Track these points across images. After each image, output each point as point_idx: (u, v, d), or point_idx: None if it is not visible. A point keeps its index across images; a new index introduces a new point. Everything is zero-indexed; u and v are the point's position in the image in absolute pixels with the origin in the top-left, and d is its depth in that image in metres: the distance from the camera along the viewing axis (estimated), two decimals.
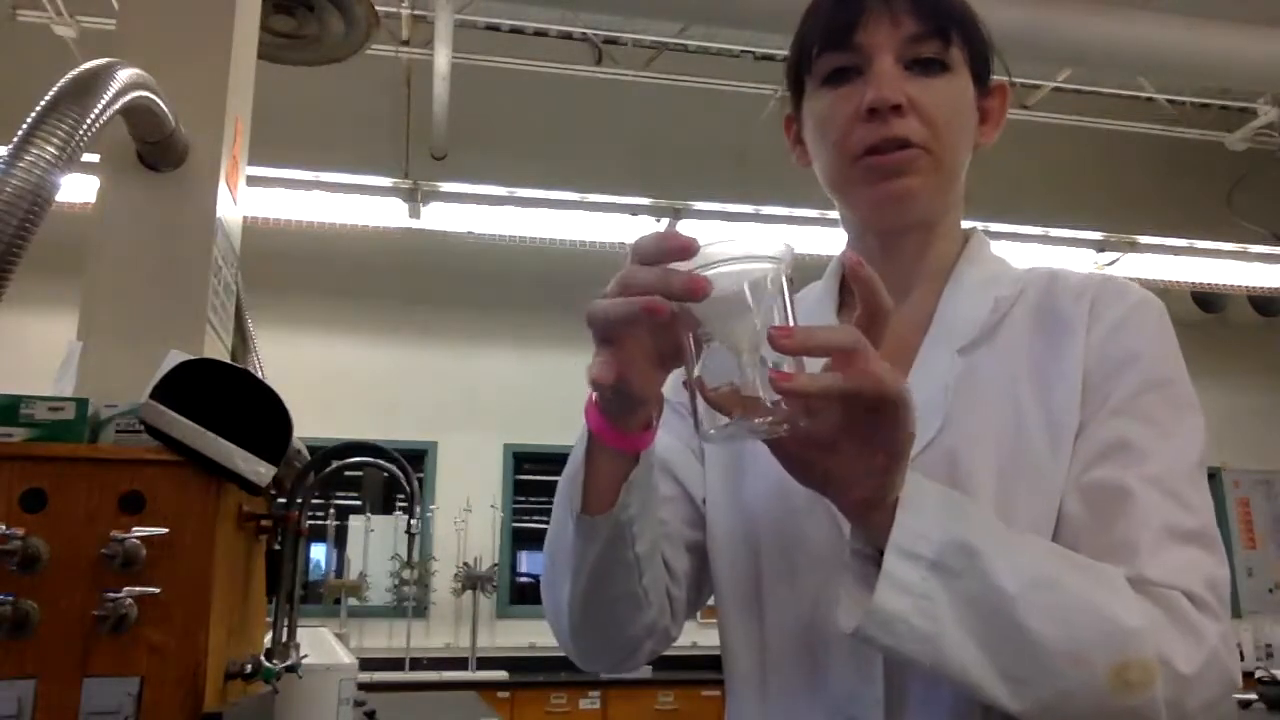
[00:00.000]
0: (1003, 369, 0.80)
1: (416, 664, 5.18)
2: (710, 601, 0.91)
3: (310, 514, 1.61)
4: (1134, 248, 5.30)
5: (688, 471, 0.90)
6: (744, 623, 0.84)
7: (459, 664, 5.25)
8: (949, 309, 0.84)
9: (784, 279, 0.61)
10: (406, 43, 5.06)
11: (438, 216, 4.82)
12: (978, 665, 0.63)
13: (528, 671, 5.17)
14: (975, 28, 0.85)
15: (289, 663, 1.51)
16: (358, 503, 5.50)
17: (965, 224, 0.92)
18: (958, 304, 0.84)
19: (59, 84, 1.09)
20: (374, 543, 5.38)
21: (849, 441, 0.62)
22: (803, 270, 0.98)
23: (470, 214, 4.86)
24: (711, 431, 0.62)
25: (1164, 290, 5.75)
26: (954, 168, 0.83)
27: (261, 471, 1.30)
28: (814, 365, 0.61)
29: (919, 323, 0.85)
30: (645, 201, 4.84)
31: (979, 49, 0.85)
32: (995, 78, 0.88)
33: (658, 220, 4.88)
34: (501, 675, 5.03)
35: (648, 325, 0.62)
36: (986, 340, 0.82)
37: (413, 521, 1.73)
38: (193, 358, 1.35)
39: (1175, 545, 0.71)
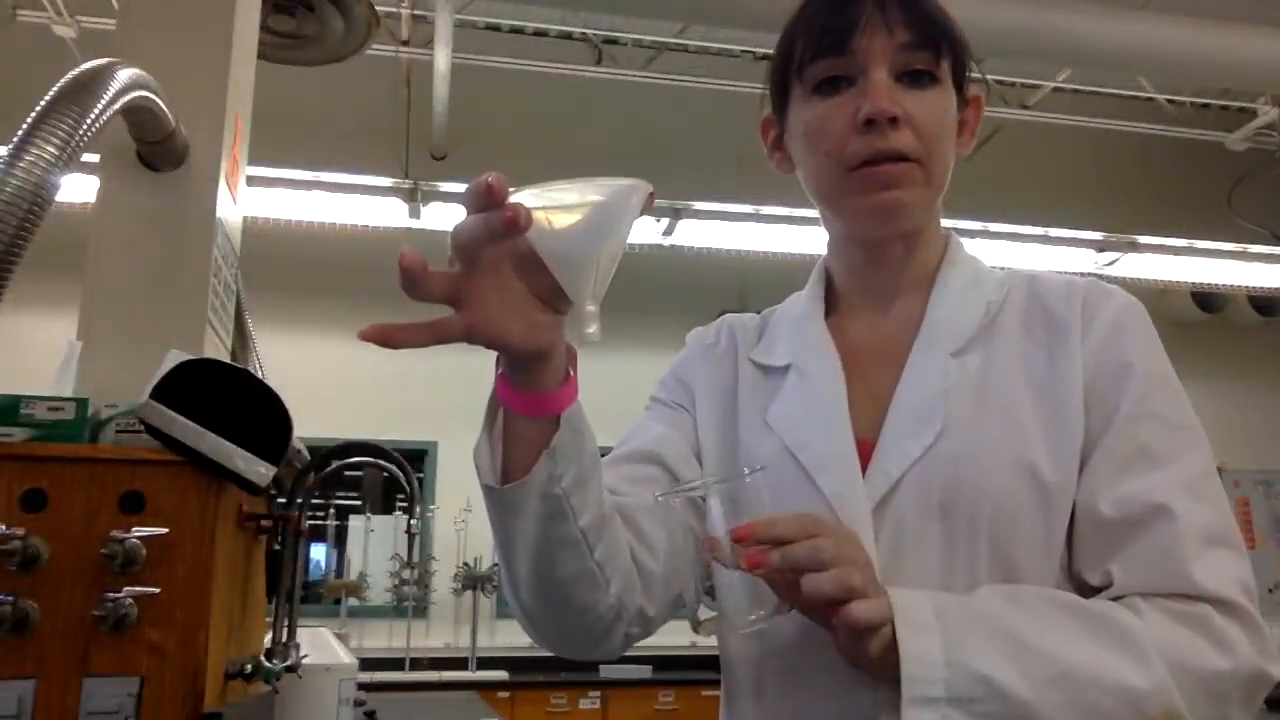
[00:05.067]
0: (999, 373, 0.80)
1: (416, 664, 5.17)
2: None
3: (310, 514, 1.61)
4: (1134, 248, 5.29)
5: (678, 461, 0.89)
6: (741, 642, 0.86)
7: (459, 664, 5.25)
8: (938, 312, 0.84)
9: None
10: (406, 43, 5.05)
11: (438, 216, 4.81)
12: None
13: (528, 671, 5.16)
14: (960, 40, 0.85)
15: (289, 663, 1.50)
16: (358, 503, 5.49)
17: (961, 224, 0.92)
18: (947, 307, 0.84)
19: (59, 84, 1.08)
20: (374, 543, 5.37)
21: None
22: (804, 269, 0.99)
23: None
24: (740, 630, 0.74)
25: (1164, 290, 5.78)
26: (942, 179, 0.84)
27: (261, 471, 1.30)
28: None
29: (907, 328, 0.85)
30: None
31: (961, 61, 0.85)
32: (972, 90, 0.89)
33: (657, 220, 4.87)
34: (501, 675, 5.02)
35: (511, 260, 0.63)
36: (980, 344, 0.82)
37: (413, 521, 1.73)
38: (193, 358, 1.35)
39: (1210, 550, 0.73)
